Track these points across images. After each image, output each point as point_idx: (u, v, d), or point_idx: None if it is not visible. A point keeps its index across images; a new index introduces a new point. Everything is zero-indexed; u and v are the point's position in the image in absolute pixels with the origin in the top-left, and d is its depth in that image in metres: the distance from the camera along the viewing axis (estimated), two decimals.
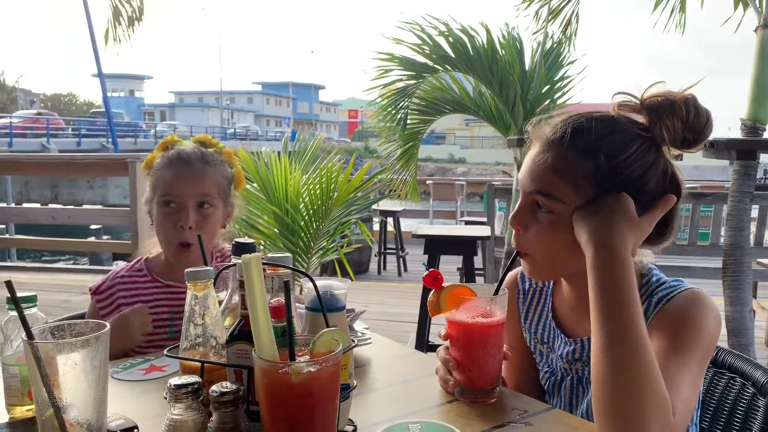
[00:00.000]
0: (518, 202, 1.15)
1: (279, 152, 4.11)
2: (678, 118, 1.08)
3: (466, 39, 3.90)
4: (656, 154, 1.10)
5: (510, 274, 1.36)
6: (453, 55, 3.97)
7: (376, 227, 8.19)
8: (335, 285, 1.02)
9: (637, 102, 1.12)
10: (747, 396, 1.30)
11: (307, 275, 0.98)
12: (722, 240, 3.74)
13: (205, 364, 0.99)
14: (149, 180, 1.69)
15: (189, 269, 1.01)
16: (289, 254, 1.00)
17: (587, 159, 1.08)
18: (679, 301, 1.08)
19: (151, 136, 34.15)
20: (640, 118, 1.13)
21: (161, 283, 1.68)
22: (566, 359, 1.22)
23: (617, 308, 0.97)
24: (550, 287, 1.30)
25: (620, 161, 1.08)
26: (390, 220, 8.09)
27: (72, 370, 0.86)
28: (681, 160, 1.15)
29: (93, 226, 9.23)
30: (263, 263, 0.89)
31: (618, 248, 1.01)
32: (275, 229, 4.10)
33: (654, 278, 1.15)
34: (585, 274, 1.04)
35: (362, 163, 4.22)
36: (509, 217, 1.16)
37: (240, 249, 1.02)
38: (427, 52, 4.02)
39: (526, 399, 1.15)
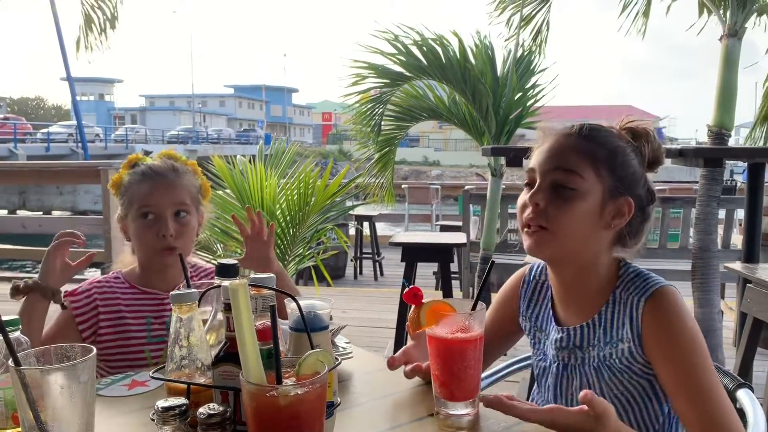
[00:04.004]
0: (537, 184, 1.25)
1: (253, 156, 4.10)
2: (648, 142, 1.28)
3: (439, 48, 3.94)
4: (641, 163, 1.28)
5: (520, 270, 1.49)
6: (426, 64, 4.01)
7: (352, 232, 8.20)
8: (318, 305, 1.04)
9: (616, 128, 1.30)
10: None
11: (291, 296, 1.00)
12: (691, 243, 3.83)
13: (192, 386, 1.00)
14: (121, 199, 1.71)
15: (174, 292, 1.02)
16: (273, 275, 1.01)
17: (602, 148, 1.24)
18: (663, 309, 1.19)
19: (112, 140, 33.65)
20: None
21: (138, 290, 1.71)
22: (554, 346, 1.32)
23: None
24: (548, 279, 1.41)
25: (624, 156, 1.25)
26: (365, 224, 8.11)
27: (58, 394, 0.87)
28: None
29: None
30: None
31: None
32: None
33: (630, 269, 1.28)
34: (566, 263, 1.27)
35: (337, 167, 4.23)
36: (528, 197, 1.25)
37: (223, 270, 1.04)
38: (402, 60, 4.06)
39: None
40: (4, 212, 18.81)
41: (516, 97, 4.16)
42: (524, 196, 1.27)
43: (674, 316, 1.18)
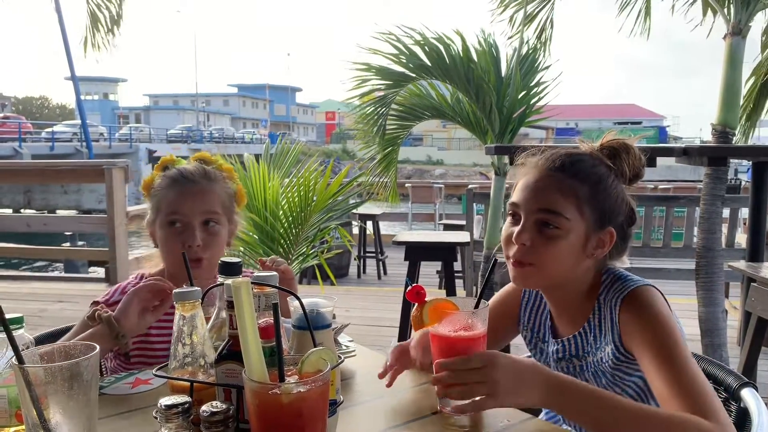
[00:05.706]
0: (521, 222, 1.27)
1: (255, 156, 4.11)
2: (631, 157, 1.31)
3: (441, 47, 3.93)
4: (621, 185, 1.32)
5: None
6: (429, 64, 3.99)
7: (355, 231, 8.20)
8: (321, 303, 1.04)
9: (597, 147, 1.34)
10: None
11: (293, 294, 1.00)
12: (695, 242, 3.82)
13: (195, 383, 1.00)
14: (150, 202, 1.63)
15: (176, 290, 1.02)
16: (275, 273, 1.01)
17: (584, 184, 1.26)
18: (636, 306, 1.21)
19: (117, 139, 33.61)
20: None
21: None
22: (553, 357, 1.36)
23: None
24: None
25: (605, 188, 1.28)
26: (369, 223, 8.11)
27: (62, 393, 0.87)
28: (655, 165, 1.33)
29: (67, 232, 9.12)
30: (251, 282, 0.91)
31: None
32: (255, 236, 4.10)
33: (611, 273, 1.30)
34: (552, 289, 1.33)
35: (340, 166, 4.23)
36: (514, 236, 1.27)
37: (226, 268, 1.04)
38: (404, 61, 4.05)
39: (509, 410, 1.18)
40: (9, 211, 18.85)
41: (520, 96, 4.14)
42: (510, 228, 1.30)
43: (646, 309, 1.21)
